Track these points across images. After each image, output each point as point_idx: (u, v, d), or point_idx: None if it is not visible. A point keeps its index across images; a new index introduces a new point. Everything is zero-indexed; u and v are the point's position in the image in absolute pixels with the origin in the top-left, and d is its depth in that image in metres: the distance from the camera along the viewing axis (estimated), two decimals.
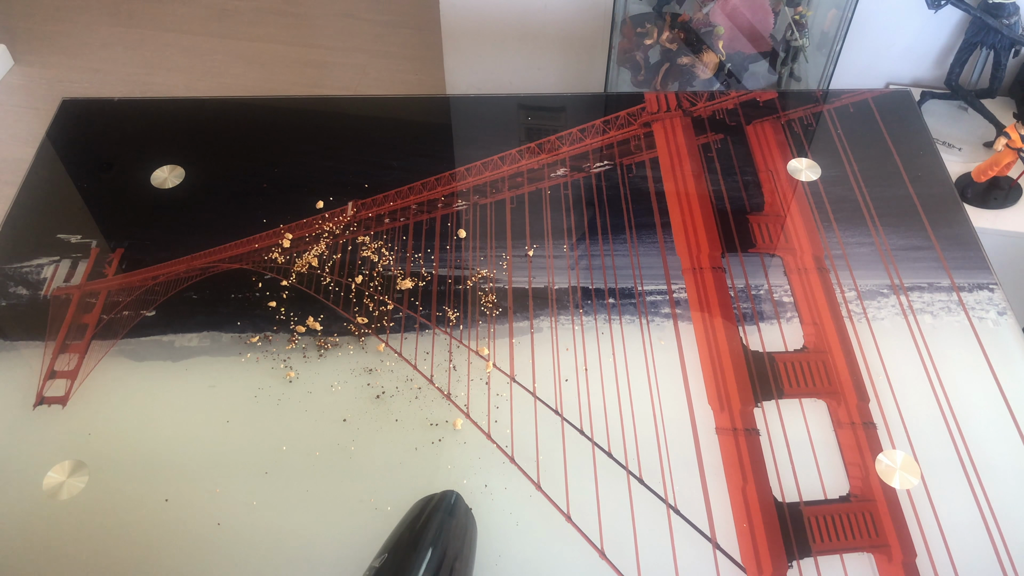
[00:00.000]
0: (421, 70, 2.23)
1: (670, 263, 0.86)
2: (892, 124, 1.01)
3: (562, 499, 0.68)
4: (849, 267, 0.85)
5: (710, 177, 0.95)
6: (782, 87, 1.46)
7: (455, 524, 0.62)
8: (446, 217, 0.92)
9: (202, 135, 1.03)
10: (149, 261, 0.88)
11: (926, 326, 0.80)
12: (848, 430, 0.72)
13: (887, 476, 0.69)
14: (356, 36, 2.34)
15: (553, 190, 0.94)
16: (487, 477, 0.69)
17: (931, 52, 1.52)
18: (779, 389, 0.75)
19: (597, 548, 0.65)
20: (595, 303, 0.83)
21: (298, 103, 1.14)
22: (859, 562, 0.64)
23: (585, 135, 1.01)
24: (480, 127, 1.04)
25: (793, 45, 1.41)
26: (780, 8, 1.39)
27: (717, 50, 1.40)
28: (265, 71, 2.24)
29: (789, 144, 0.99)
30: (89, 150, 1.01)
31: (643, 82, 1.48)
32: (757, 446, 0.71)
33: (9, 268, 0.87)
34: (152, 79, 2.23)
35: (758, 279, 0.85)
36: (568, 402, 0.74)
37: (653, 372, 0.77)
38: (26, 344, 0.81)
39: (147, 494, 0.69)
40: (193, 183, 0.96)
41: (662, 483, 0.69)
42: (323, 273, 0.87)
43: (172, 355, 0.79)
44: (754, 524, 0.67)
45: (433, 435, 0.72)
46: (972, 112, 1.45)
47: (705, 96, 1.06)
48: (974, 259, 0.86)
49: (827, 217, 0.91)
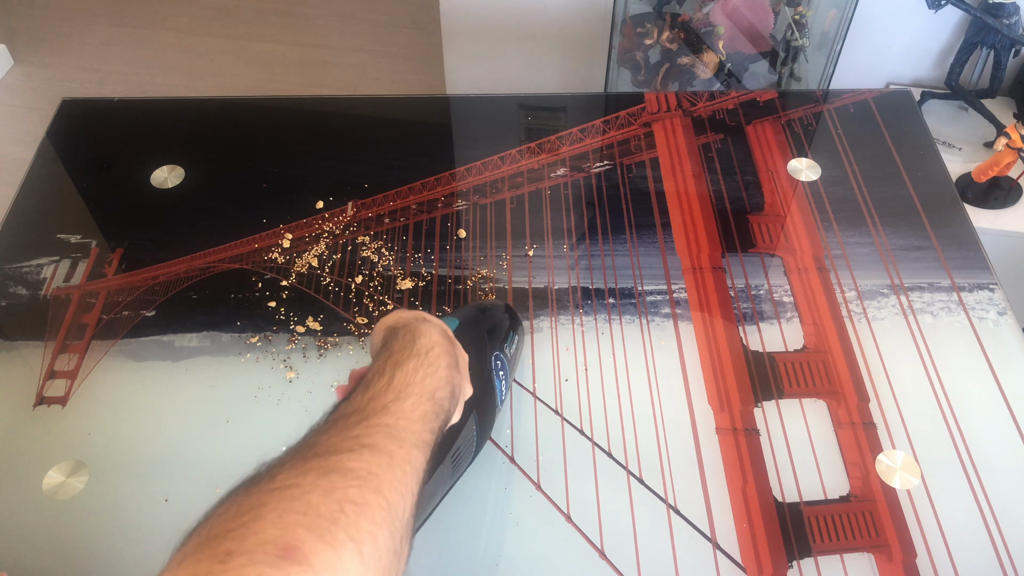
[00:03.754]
0: (421, 70, 2.23)
1: (670, 263, 0.86)
2: (892, 124, 1.01)
3: (562, 499, 0.68)
4: (849, 267, 0.85)
5: (710, 177, 0.95)
6: (782, 87, 1.46)
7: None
8: (446, 217, 0.92)
9: (202, 135, 1.03)
10: (149, 261, 0.88)
11: (926, 326, 0.80)
12: (848, 430, 0.72)
13: (887, 476, 0.69)
14: (356, 36, 2.34)
15: (553, 190, 0.94)
16: (487, 477, 0.69)
17: (931, 52, 1.52)
18: (779, 389, 0.75)
19: (597, 548, 0.65)
20: (595, 303, 0.83)
21: (298, 103, 1.14)
22: (859, 562, 0.64)
23: (585, 135, 1.01)
24: (480, 127, 1.04)
25: (793, 45, 1.41)
26: (780, 8, 1.39)
27: (717, 50, 1.40)
28: (265, 71, 2.24)
29: (789, 144, 0.99)
30: (89, 150, 1.01)
31: (643, 82, 1.48)
32: (757, 446, 0.71)
33: (9, 268, 0.87)
34: (152, 79, 2.23)
35: (758, 279, 0.85)
36: (568, 402, 0.74)
37: (653, 372, 0.77)
38: (26, 344, 0.81)
39: (147, 494, 0.69)
40: (193, 183, 0.96)
41: (662, 483, 0.69)
42: (323, 273, 0.86)
43: (172, 355, 0.79)
44: (754, 524, 0.67)
45: None
46: (972, 112, 1.45)
47: (705, 96, 1.06)
48: (974, 259, 0.86)
49: (827, 217, 0.91)
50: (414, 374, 0.49)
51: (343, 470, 0.39)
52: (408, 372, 0.49)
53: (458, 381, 0.54)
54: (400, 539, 0.40)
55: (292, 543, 0.34)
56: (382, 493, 0.40)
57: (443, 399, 0.51)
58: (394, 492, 0.41)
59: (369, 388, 0.48)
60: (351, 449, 0.41)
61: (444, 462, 0.59)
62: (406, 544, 0.41)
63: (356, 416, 0.45)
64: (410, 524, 0.42)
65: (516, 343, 0.72)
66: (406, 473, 0.43)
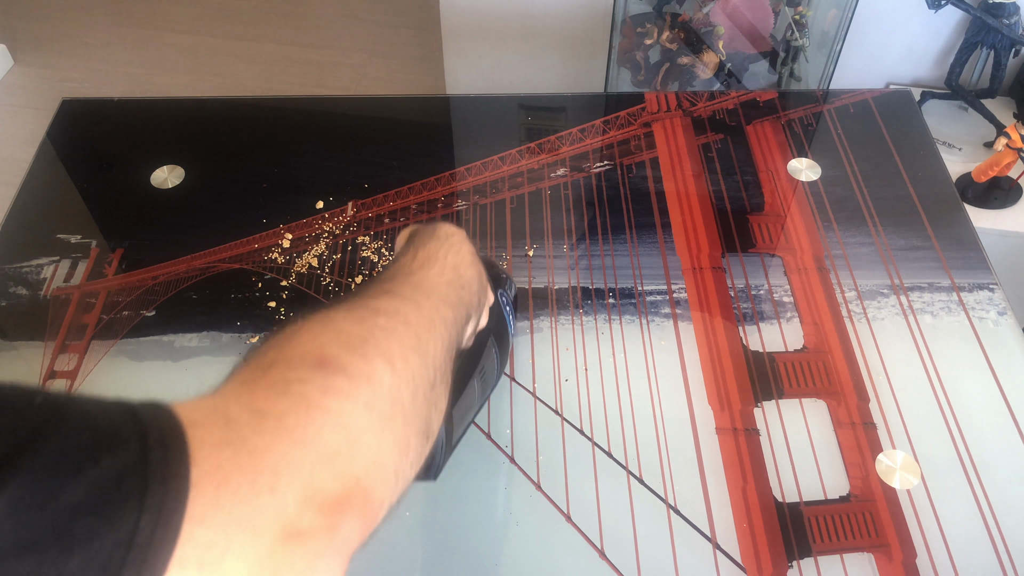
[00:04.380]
0: (421, 70, 2.23)
1: (670, 263, 0.86)
2: (892, 124, 1.01)
3: (562, 499, 0.68)
4: (849, 267, 0.85)
5: (710, 177, 0.95)
6: (782, 87, 1.46)
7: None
8: (446, 217, 0.92)
9: (202, 135, 1.03)
10: (149, 261, 0.88)
11: (926, 326, 0.80)
12: (848, 430, 0.72)
13: (887, 476, 0.69)
14: (356, 36, 2.34)
15: (553, 190, 0.94)
16: (487, 477, 0.69)
17: (931, 52, 1.52)
18: (779, 389, 0.75)
19: (597, 548, 0.65)
20: (595, 303, 0.83)
21: (298, 103, 1.14)
22: (859, 562, 0.64)
23: (585, 135, 1.01)
24: (480, 127, 1.04)
25: (793, 45, 1.41)
26: (780, 8, 1.39)
27: (717, 50, 1.40)
28: (265, 71, 2.24)
29: (789, 144, 0.99)
30: (89, 150, 1.01)
31: (643, 82, 1.48)
32: (757, 446, 0.71)
33: (9, 268, 0.87)
34: (152, 79, 2.23)
35: (758, 279, 0.85)
36: (568, 402, 0.74)
37: (653, 372, 0.77)
38: (26, 344, 0.81)
39: None
40: (193, 183, 0.96)
41: (662, 483, 0.69)
42: (323, 273, 0.86)
43: (172, 355, 0.79)
44: (754, 524, 0.67)
45: None
46: (972, 112, 1.45)
47: (705, 96, 1.06)
48: (974, 259, 0.86)
49: (827, 217, 0.91)
50: (437, 251, 0.52)
51: (372, 307, 0.41)
52: (431, 249, 0.51)
53: (481, 269, 0.56)
54: (435, 374, 0.41)
55: (327, 355, 0.36)
56: (410, 326, 0.41)
57: (468, 277, 0.52)
58: (423, 330, 0.42)
59: (395, 263, 0.51)
60: (378, 296, 0.43)
61: (473, 375, 0.61)
62: (442, 388, 0.42)
63: (380, 279, 0.47)
64: (444, 372, 0.43)
65: (512, 288, 0.73)
66: (434, 320, 0.44)
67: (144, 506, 0.25)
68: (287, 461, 0.31)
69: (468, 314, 0.51)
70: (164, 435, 0.28)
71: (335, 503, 0.32)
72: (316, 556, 0.30)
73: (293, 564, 0.30)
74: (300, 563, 0.30)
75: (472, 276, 0.53)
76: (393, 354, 0.38)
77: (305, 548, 0.30)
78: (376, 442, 0.35)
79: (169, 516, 0.26)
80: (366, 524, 0.33)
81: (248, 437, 0.31)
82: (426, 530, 0.65)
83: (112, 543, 0.24)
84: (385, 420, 0.36)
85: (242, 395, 0.34)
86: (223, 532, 0.28)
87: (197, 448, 0.29)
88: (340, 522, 0.32)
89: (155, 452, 0.27)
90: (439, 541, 0.65)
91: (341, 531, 0.32)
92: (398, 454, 0.36)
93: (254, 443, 0.30)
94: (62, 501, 0.24)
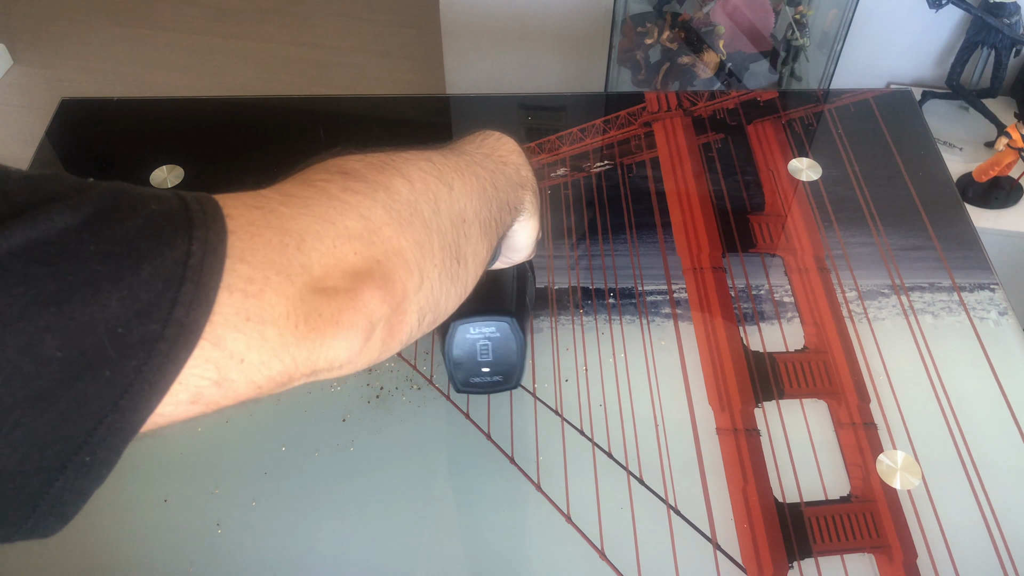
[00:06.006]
0: (421, 70, 2.23)
1: (670, 263, 0.86)
2: (893, 124, 1.01)
3: (562, 499, 0.68)
4: (850, 267, 0.85)
5: (710, 177, 0.95)
6: (783, 87, 1.46)
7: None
8: None
9: (202, 135, 1.03)
10: None
11: (927, 326, 0.80)
12: (849, 430, 0.72)
13: (888, 476, 0.69)
14: (356, 36, 2.34)
15: (553, 190, 0.94)
16: (487, 477, 0.69)
17: (932, 52, 1.52)
18: (780, 389, 0.75)
19: (597, 548, 0.65)
20: (595, 303, 0.82)
21: (298, 103, 1.14)
22: (860, 563, 0.64)
23: (585, 135, 1.01)
24: (480, 127, 1.04)
25: (794, 44, 1.41)
26: (781, 7, 1.39)
27: (718, 49, 1.40)
28: (265, 71, 2.24)
29: (790, 144, 0.99)
30: (88, 150, 1.01)
31: (643, 82, 1.48)
32: (758, 446, 0.71)
33: None
34: (152, 79, 2.23)
35: (759, 279, 0.85)
36: (568, 402, 0.74)
37: (653, 372, 0.76)
38: None
39: (147, 494, 0.69)
40: (193, 183, 0.96)
41: (662, 483, 0.69)
42: None
43: None
44: (754, 524, 0.66)
45: (433, 435, 0.72)
46: (973, 112, 1.45)
47: (705, 96, 1.06)
48: (975, 259, 0.86)
49: (828, 217, 0.91)
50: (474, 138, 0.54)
51: (394, 154, 0.42)
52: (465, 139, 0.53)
53: (530, 168, 0.56)
54: (464, 207, 0.43)
55: (348, 167, 0.39)
56: (432, 162, 0.42)
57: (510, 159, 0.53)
58: (449, 170, 0.43)
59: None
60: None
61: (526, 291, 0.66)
62: (476, 228, 0.43)
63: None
64: (478, 214, 0.44)
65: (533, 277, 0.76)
66: (460, 166, 0.45)
67: (193, 236, 0.29)
68: (311, 231, 0.34)
69: (508, 188, 0.51)
70: (199, 198, 0.32)
71: (356, 273, 0.34)
72: (340, 310, 0.33)
73: (321, 312, 0.32)
74: (327, 311, 0.32)
75: (517, 161, 0.53)
76: (412, 175, 0.40)
77: (330, 302, 0.33)
78: (395, 236, 0.37)
79: (215, 245, 0.30)
80: (389, 305, 0.35)
81: (276, 207, 0.34)
82: (426, 530, 0.65)
83: (172, 260, 0.28)
84: (403, 222, 0.38)
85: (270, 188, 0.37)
86: (260, 270, 0.31)
87: (231, 207, 0.32)
88: (362, 290, 0.34)
89: (194, 205, 0.31)
90: (439, 541, 0.65)
91: (362, 297, 0.34)
92: (420, 254, 0.38)
93: (281, 211, 0.34)
94: (129, 225, 0.28)
